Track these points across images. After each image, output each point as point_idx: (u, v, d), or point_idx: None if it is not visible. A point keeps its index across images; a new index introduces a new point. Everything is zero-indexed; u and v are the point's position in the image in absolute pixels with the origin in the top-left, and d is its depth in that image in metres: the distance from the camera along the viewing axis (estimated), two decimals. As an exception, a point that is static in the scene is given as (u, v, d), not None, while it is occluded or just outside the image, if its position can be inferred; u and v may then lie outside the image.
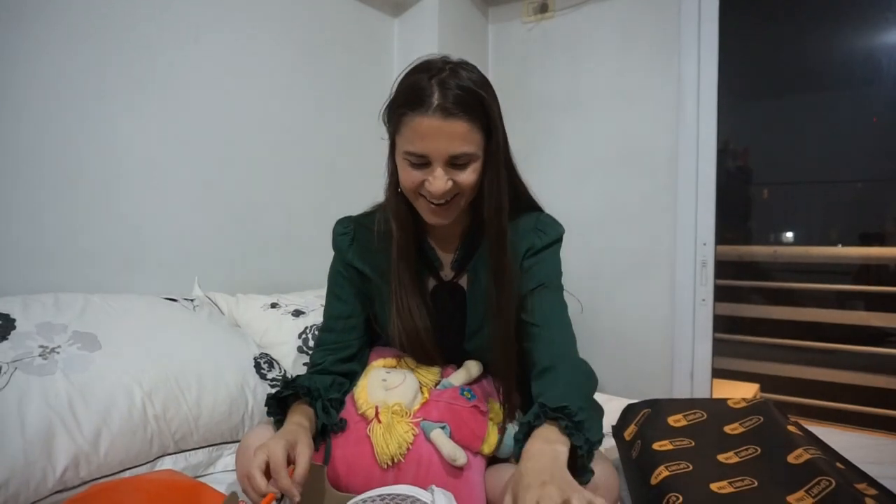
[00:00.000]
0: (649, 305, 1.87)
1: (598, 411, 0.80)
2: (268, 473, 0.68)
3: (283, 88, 1.62)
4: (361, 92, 1.87)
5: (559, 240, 0.94)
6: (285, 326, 1.32)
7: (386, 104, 0.85)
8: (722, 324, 2.26)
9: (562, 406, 0.73)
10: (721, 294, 1.91)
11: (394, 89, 0.84)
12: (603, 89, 1.94)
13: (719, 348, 1.90)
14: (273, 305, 1.37)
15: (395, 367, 0.94)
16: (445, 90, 0.77)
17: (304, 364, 1.24)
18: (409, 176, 0.82)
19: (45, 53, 1.13)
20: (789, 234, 2.87)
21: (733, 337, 2.48)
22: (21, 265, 1.11)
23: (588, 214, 1.96)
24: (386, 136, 0.88)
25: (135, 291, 1.20)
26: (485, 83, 0.82)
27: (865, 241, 2.61)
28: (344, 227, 0.99)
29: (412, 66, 0.83)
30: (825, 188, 2.81)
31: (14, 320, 0.92)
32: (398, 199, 0.89)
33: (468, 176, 0.81)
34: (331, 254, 1.01)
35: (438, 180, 0.79)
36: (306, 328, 1.33)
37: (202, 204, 1.41)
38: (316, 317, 1.36)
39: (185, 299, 1.23)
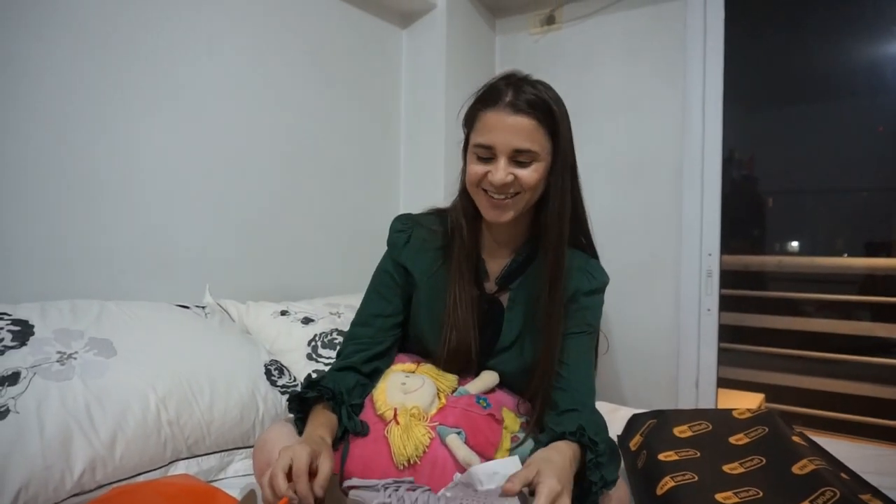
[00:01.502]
0: (654, 315, 1.88)
1: (618, 456, 0.82)
2: (287, 476, 0.69)
3: (294, 99, 1.64)
4: (370, 102, 1.89)
5: (604, 287, 0.99)
6: (295, 334, 1.34)
7: (466, 107, 0.91)
8: (727, 333, 2.26)
9: (595, 441, 0.76)
10: (726, 303, 1.91)
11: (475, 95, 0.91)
12: (609, 100, 1.96)
13: (724, 358, 1.90)
14: (283, 313, 1.39)
15: (413, 372, 0.96)
16: (518, 92, 0.85)
17: (314, 371, 1.26)
18: (473, 169, 0.87)
19: (64, 64, 1.15)
20: (795, 244, 2.87)
21: (738, 347, 2.47)
22: (39, 272, 1.13)
23: (594, 224, 1.95)
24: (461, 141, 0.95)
25: (147, 298, 1.22)
26: (557, 100, 0.88)
27: (871, 250, 2.60)
28: (402, 223, 1.01)
29: (496, 75, 0.90)
30: (831, 197, 2.81)
31: (32, 326, 0.94)
32: (467, 198, 0.93)
33: (529, 174, 0.86)
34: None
35: (500, 171, 0.84)
36: (315, 336, 1.34)
37: (213, 213, 1.44)
38: (325, 325, 1.38)
39: (197, 306, 1.25)
